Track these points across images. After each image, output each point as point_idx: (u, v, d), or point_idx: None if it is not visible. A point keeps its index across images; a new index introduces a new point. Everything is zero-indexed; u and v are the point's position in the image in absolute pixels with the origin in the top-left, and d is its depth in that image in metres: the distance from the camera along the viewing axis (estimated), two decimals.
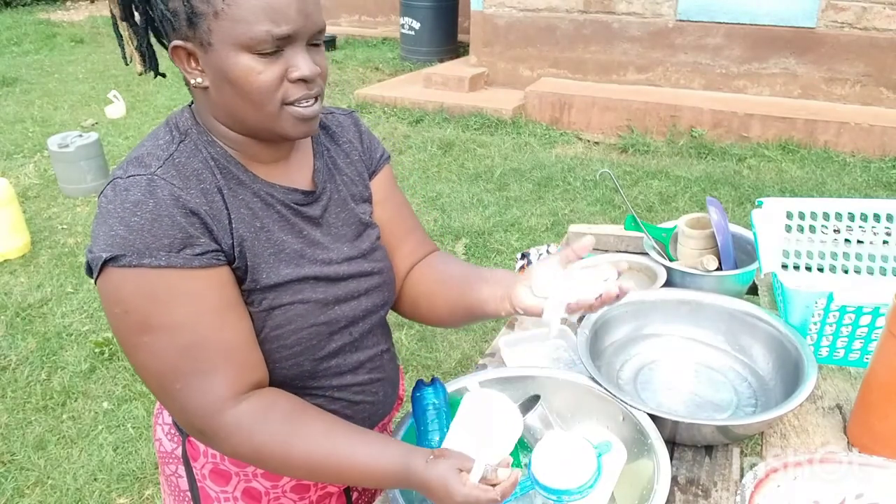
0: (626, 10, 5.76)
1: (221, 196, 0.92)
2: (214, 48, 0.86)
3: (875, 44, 5.15)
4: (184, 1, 0.84)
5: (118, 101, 6.09)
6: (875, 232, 1.41)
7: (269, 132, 0.92)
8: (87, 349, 3.01)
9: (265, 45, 0.84)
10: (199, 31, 0.85)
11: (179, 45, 0.88)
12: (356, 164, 1.11)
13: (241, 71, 0.86)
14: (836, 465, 0.96)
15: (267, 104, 0.88)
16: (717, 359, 1.36)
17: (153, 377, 0.90)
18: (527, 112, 5.89)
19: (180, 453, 1.10)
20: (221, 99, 0.90)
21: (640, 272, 1.62)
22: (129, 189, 0.86)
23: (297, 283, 0.97)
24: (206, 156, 0.93)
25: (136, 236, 0.84)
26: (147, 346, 0.88)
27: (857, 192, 4.49)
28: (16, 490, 2.32)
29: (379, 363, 1.13)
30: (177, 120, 0.96)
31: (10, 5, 10.54)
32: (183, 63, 0.89)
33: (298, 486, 1.10)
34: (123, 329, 0.89)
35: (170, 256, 0.85)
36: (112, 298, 0.87)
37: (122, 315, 0.88)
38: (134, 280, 0.85)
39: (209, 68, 0.88)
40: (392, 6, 8.23)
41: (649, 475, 1.00)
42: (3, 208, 3.71)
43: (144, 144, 0.93)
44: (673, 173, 4.82)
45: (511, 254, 3.75)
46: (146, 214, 0.85)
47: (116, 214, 0.85)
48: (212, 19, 0.84)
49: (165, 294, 0.86)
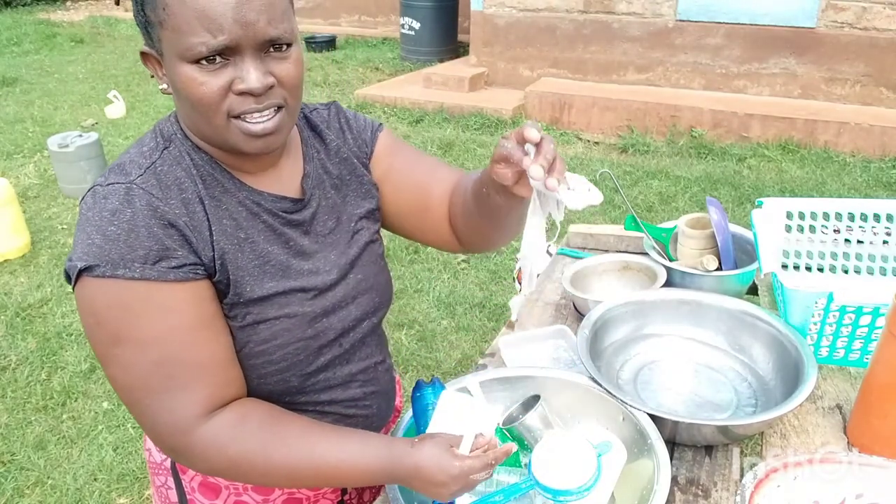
0: (626, 10, 5.76)
1: (203, 206, 0.89)
2: (165, 58, 0.85)
3: (875, 44, 5.15)
4: (140, 11, 0.85)
5: (118, 101, 6.09)
6: (875, 232, 1.41)
7: (224, 145, 0.89)
8: (87, 349, 3.01)
9: (202, 56, 0.81)
10: (153, 40, 0.86)
11: (146, 52, 0.88)
12: (347, 161, 1.06)
13: (183, 82, 0.83)
14: (836, 465, 0.96)
15: (213, 116, 0.85)
16: (717, 359, 1.36)
17: (123, 391, 0.88)
18: (527, 112, 5.89)
19: (169, 465, 1.08)
20: (180, 107, 0.90)
21: (640, 272, 1.62)
22: (107, 197, 0.85)
23: (283, 295, 0.94)
24: (188, 163, 0.91)
25: (112, 246, 0.82)
26: (118, 358, 0.86)
27: (857, 192, 4.48)
28: (16, 490, 2.32)
29: (373, 375, 1.10)
30: (162, 126, 0.94)
31: (10, 5, 10.54)
32: (155, 68, 0.89)
33: (290, 499, 1.08)
34: (96, 339, 0.87)
35: (144, 268, 0.83)
36: (86, 308, 0.86)
37: (94, 326, 0.86)
38: (107, 291, 0.83)
39: (167, 77, 0.87)
40: (392, 6, 8.23)
41: (649, 475, 1.00)
42: (3, 208, 3.71)
43: (129, 151, 0.92)
44: (673, 173, 4.82)
45: (511, 254, 3.75)
46: (123, 224, 0.83)
47: (94, 223, 0.84)
48: (159, 29, 0.83)
49: (138, 307, 0.84)
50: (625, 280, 1.65)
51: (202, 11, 0.79)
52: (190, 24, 0.80)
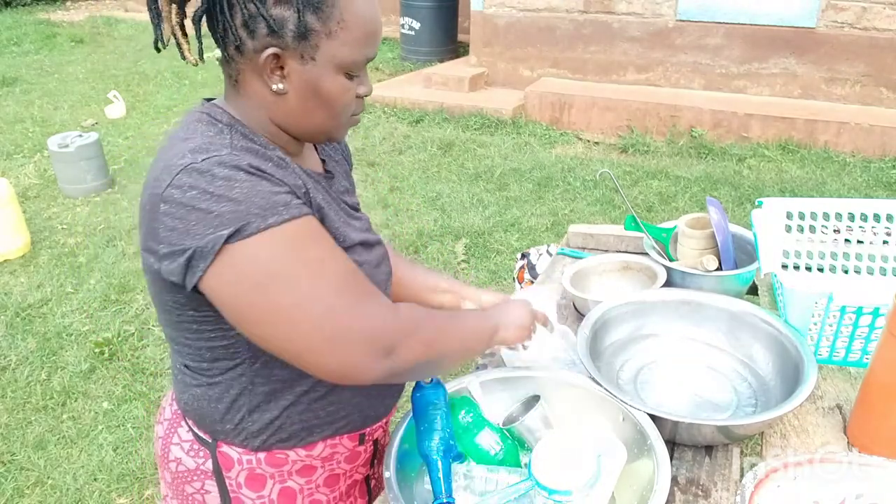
0: (626, 10, 5.76)
1: (292, 168, 0.94)
2: (316, 63, 0.90)
3: (875, 44, 5.15)
4: (299, 14, 0.86)
5: (118, 102, 6.09)
6: (875, 232, 1.41)
7: (325, 136, 1.00)
8: (87, 349, 3.02)
9: (361, 68, 0.94)
10: (304, 45, 0.88)
11: (276, 53, 0.89)
12: (340, 164, 1.17)
13: (337, 89, 0.92)
14: (836, 465, 0.96)
15: (342, 116, 0.97)
16: (717, 359, 1.36)
17: (325, 321, 0.86)
18: (527, 112, 5.89)
19: (210, 467, 1.07)
20: (300, 107, 0.94)
21: (640, 272, 1.62)
22: (211, 169, 0.83)
23: (359, 246, 1.03)
24: (253, 146, 0.92)
25: (247, 205, 0.82)
26: (307, 293, 0.85)
27: (857, 193, 4.49)
28: (16, 490, 2.32)
29: None
30: (211, 115, 0.94)
31: (10, 5, 10.53)
32: (269, 68, 0.90)
33: (330, 476, 1.12)
34: (270, 296, 0.84)
35: (289, 209, 0.85)
36: (248, 272, 0.83)
37: (267, 283, 0.84)
38: (268, 242, 0.83)
39: (299, 79, 0.91)
40: (392, 6, 8.22)
41: (649, 475, 1.00)
42: (3, 208, 3.71)
43: (190, 138, 0.89)
44: (673, 173, 4.82)
45: (511, 254, 3.75)
46: (244, 184, 0.83)
47: (210, 194, 0.82)
48: (323, 38, 0.88)
49: (303, 240, 0.86)
50: (625, 280, 1.65)
51: (372, 32, 0.92)
52: (361, 41, 0.91)
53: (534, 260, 2.00)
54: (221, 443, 1.05)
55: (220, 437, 1.05)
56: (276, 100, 0.93)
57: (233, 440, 1.04)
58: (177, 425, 1.09)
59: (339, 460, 1.12)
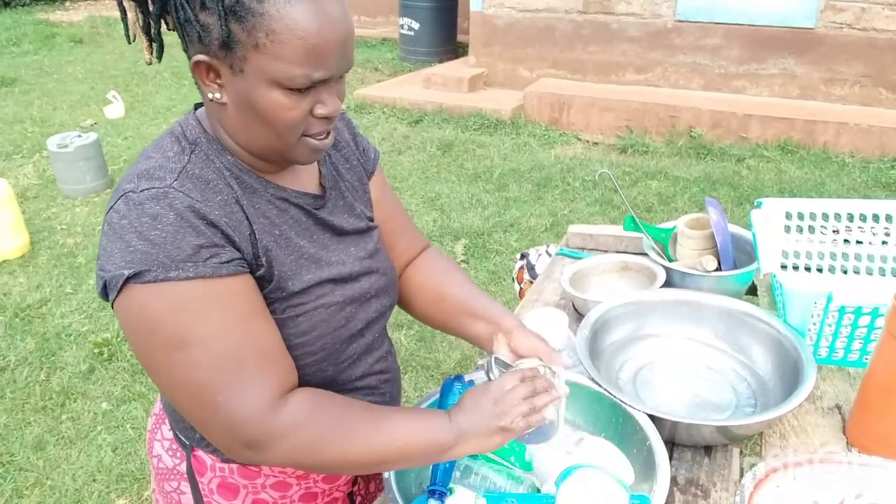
0: (625, 10, 5.76)
1: (241, 207, 0.89)
2: (245, 75, 0.82)
3: (874, 44, 5.16)
4: (221, 23, 0.80)
5: (117, 102, 6.09)
6: (874, 232, 1.41)
7: (280, 157, 0.91)
8: (87, 350, 3.01)
9: (301, 87, 0.82)
10: (231, 56, 0.82)
11: (204, 61, 0.84)
12: (355, 168, 1.11)
13: (270, 105, 0.83)
14: (835, 465, 0.96)
15: (288, 136, 0.87)
16: (717, 359, 1.36)
17: (191, 394, 0.85)
18: (526, 112, 5.90)
19: (184, 469, 1.07)
20: (240, 120, 0.88)
21: (640, 272, 1.62)
22: (144, 203, 0.82)
23: (318, 286, 0.96)
24: (219, 165, 0.90)
25: (159, 250, 0.80)
26: (181, 362, 0.83)
27: (856, 193, 4.49)
28: (14, 491, 2.32)
29: (386, 364, 1.14)
30: (183, 129, 0.92)
31: (9, 5, 10.53)
32: (202, 75, 0.85)
33: (306, 493, 1.09)
34: (152, 348, 0.84)
35: (196, 266, 0.82)
36: (137, 317, 0.83)
37: (149, 334, 0.83)
38: (161, 295, 0.81)
39: (233, 90, 0.85)
40: (391, 6, 8.22)
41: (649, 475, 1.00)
42: (2, 209, 3.70)
43: (151, 157, 0.88)
44: (672, 174, 4.83)
45: (510, 254, 3.75)
46: (167, 227, 0.81)
47: (133, 229, 0.81)
48: (250, 50, 0.80)
49: (196, 305, 0.82)
50: (624, 280, 1.65)
51: (313, 48, 0.80)
52: (296, 56, 0.80)
53: (533, 260, 2.00)
54: (196, 447, 1.05)
55: (194, 442, 1.05)
56: (219, 110, 0.89)
57: (206, 447, 1.05)
58: (161, 422, 1.11)
59: (316, 479, 1.10)
